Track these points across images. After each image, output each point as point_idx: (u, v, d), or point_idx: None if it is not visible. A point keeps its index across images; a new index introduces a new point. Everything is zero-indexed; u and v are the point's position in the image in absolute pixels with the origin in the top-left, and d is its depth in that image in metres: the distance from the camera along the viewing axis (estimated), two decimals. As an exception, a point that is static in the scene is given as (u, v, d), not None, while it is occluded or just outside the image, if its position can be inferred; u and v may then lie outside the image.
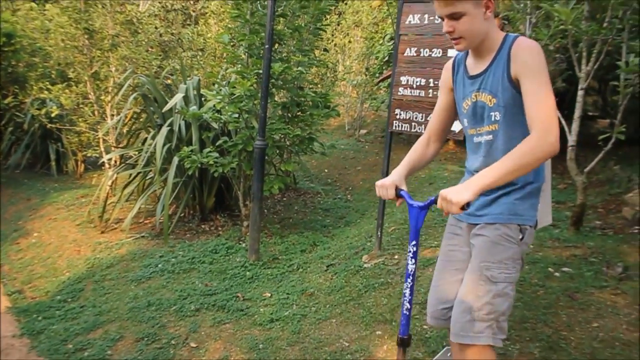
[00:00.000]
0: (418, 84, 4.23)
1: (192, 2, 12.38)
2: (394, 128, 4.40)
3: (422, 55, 4.23)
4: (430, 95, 4.15)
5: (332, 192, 7.93)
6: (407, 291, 2.20)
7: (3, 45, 8.66)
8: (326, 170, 9.15)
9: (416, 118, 4.25)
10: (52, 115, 8.47)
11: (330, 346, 3.46)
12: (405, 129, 4.34)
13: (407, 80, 4.29)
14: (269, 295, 4.29)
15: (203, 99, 6.32)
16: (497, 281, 2.08)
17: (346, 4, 12.02)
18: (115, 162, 7.45)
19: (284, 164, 6.06)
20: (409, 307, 2.20)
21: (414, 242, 2.16)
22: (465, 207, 1.89)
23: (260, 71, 5.15)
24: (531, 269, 3.88)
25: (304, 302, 4.09)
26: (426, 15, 4.19)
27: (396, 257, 4.47)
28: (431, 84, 4.16)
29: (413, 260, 2.18)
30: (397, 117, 4.36)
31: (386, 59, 10.98)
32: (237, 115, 5.46)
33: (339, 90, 11.89)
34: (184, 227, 6.04)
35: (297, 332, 3.68)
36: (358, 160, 9.48)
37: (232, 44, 6.33)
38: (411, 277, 2.19)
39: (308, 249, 5.23)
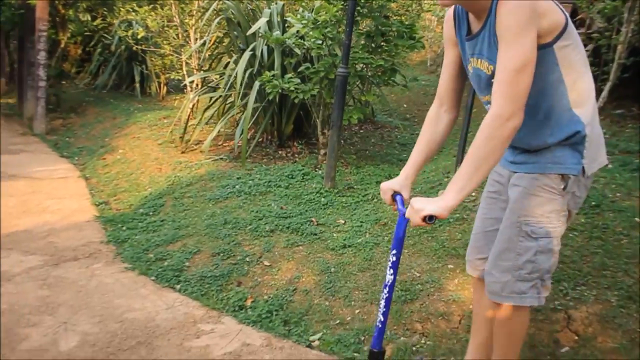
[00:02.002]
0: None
1: None
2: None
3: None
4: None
5: (410, 127, 7.78)
6: (382, 302, 1.97)
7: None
8: (405, 105, 8.97)
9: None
10: (138, 37, 8.66)
11: (401, 275, 3.46)
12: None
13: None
14: (343, 222, 4.31)
15: (286, 25, 6.26)
16: (538, 237, 1.91)
17: None
18: (197, 85, 7.57)
19: (364, 94, 5.96)
20: (382, 319, 1.98)
21: (394, 251, 1.93)
22: (427, 220, 1.71)
23: (347, -3, 5.01)
24: (616, 216, 3.70)
25: (377, 231, 4.09)
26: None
27: (473, 194, 4.36)
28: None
29: (392, 271, 1.94)
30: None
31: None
32: (320, 42, 5.37)
33: (423, 24, 11.48)
34: (261, 152, 6.12)
35: (368, 259, 3.70)
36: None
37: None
38: (388, 288, 1.95)
39: (383, 180, 5.17)
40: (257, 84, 5.66)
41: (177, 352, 2.89)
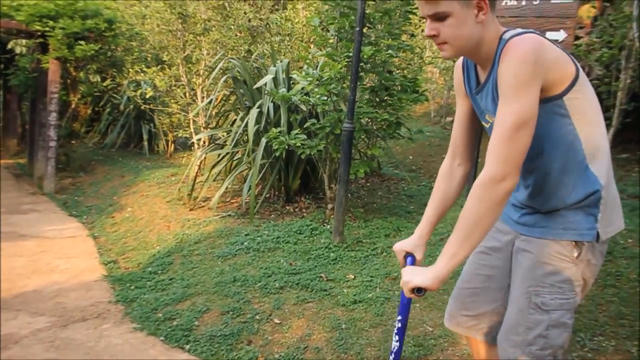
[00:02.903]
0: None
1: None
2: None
3: (518, 38, 4.06)
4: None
5: (417, 178, 7.81)
6: None
7: (104, 30, 9.07)
8: (410, 157, 9.03)
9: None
10: (147, 96, 8.84)
11: (414, 330, 3.42)
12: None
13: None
14: (353, 277, 4.28)
15: (292, 82, 6.38)
16: (550, 309, 1.76)
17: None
18: (204, 142, 7.66)
19: (370, 148, 6.01)
20: None
21: (399, 317, 1.84)
22: (415, 292, 1.66)
23: (350, 54, 5.13)
24: (629, 263, 3.67)
25: (387, 285, 4.05)
26: (524, -4, 4.02)
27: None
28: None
29: (397, 337, 1.85)
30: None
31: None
32: (325, 98, 5.47)
33: (426, 77, 11.67)
34: (269, 208, 6.13)
35: (380, 314, 3.66)
36: (443, 147, 9.26)
37: (321, 27, 6.33)
38: (394, 355, 1.86)
39: (392, 233, 5.16)
40: (264, 140, 5.73)
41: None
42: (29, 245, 5.79)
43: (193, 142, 7.80)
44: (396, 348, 1.85)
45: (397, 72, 7.05)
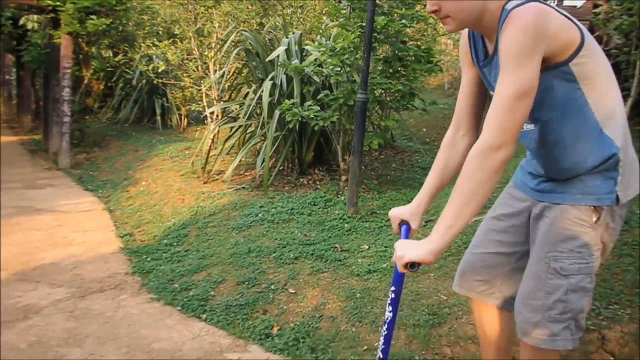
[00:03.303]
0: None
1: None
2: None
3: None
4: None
5: (430, 151, 7.77)
6: (382, 339, 1.83)
7: (115, 4, 9.04)
8: (424, 129, 8.98)
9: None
10: (159, 70, 8.83)
11: (428, 299, 3.42)
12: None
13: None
14: (367, 247, 4.29)
15: (304, 54, 6.33)
16: (569, 274, 1.73)
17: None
18: (217, 116, 7.66)
19: (384, 120, 5.98)
20: (382, 356, 1.83)
21: (393, 288, 1.79)
22: (408, 267, 1.58)
23: (363, 24, 5.07)
24: (647, 232, 3.64)
25: (402, 255, 4.05)
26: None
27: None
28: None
29: (391, 308, 1.79)
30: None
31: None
32: (338, 69, 5.42)
33: (440, 48, 11.54)
34: (283, 180, 6.14)
35: (396, 284, 3.66)
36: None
37: (333, -3, 6.26)
38: (387, 325, 1.81)
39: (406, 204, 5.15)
40: (277, 112, 5.72)
41: (204, 382, 2.87)
42: (45, 219, 5.86)
43: (206, 116, 7.82)
44: (389, 318, 1.80)
45: (411, 43, 6.98)
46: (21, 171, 8.50)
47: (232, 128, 6.82)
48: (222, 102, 7.53)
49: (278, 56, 6.21)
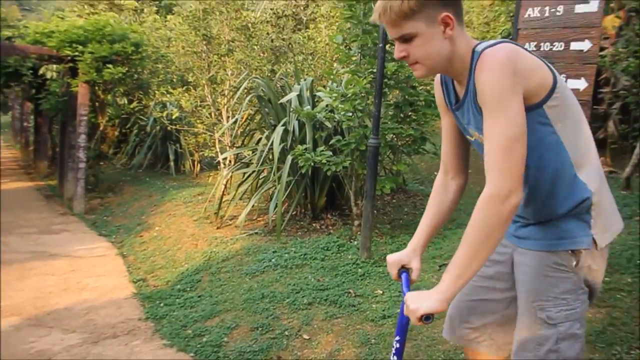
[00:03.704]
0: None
1: (302, 8, 12.64)
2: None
3: (542, 49, 4.04)
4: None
5: (443, 195, 7.76)
6: None
7: (131, 54, 9.28)
8: (435, 173, 8.96)
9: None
10: (173, 117, 8.99)
11: (444, 345, 3.38)
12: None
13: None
14: (381, 292, 4.26)
15: (316, 100, 6.43)
16: (557, 322, 1.70)
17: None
18: (230, 161, 7.73)
19: (396, 164, 6.01)
20: None
21: (397, 338, 1.78)
22: (422, 319, 1.56)
23: (374, 70, 5.17)
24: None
25: (416, 300, 4.02)
26: (547, 8, 4.00)
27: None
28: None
29: (395, 358, 1.78)
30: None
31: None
32: (350, 114, 5.50)
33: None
34: (296, 225, 6.15)
35: (409, 330, 3.62)
36: (469, 163, 9.23)
37: (344, 44, 6.39)
38: None
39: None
40: (289, 157, 5.77)
41: None
42: (59, 264, 5.89)
43: (219, 162, 7.89)
44: None
45: (421, 87, 7.08)
46: (37, 216, 8.58)
47: (244, 173, 6.88)
48: (234, 148, 7.62)
49: (290, 102, 6.31)
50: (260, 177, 6.74)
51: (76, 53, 8.76)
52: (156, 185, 9.55)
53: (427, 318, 1.56)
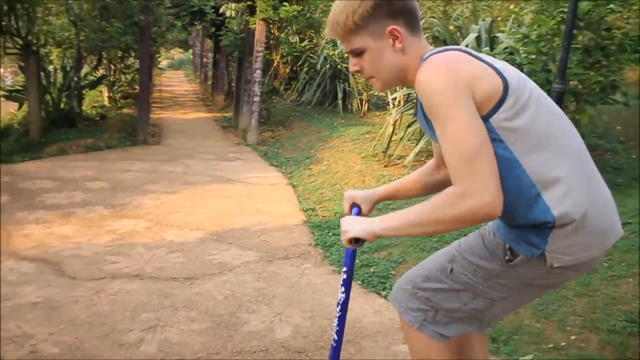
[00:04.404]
0: None
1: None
2: None
3: None
4: None
5: (625, 150, 7.14)
6: (336, 321, 1.80)
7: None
8: (618, 127, 8.25)
9: None
10: (344, 55, 9.09)
11: (625, 305, 3.17)
12: None
13: None
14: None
15: (494, 43, 6.14)
16: (452, 279, 1.73)
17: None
18: (400, 102, 7.70)
19: (578, 114, 5.61)
20: (337, 338, 1.81)
21: (345, 269, 1.77)
22: (352, 242, 1.58)
23: (565, 9, 4.79)
24: None
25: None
26: None
27: None
28: None
29: (343, 289, 1.77)
30: None
31: None
32: (533, 57, 5.19)
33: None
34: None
35: (586, 285, 3.45)
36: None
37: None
38: (340, 307, 1.78)
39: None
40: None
41: (383, 355, 2.94)
42: (235, 189, 6.35)
43: (388, 102, 7.90)
44: (342, 299, 1.79)
45: (614, 31, 6.46)
46: (215, 144, 9.28)
47: (414, 115, 6.82)
48: (405, 88, 7.56)
49: (467, 45, 6.08)
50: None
51: (256, -10, 9.12)
52: (324, 121, 9.82)
53: (356, 241, 1.59)
